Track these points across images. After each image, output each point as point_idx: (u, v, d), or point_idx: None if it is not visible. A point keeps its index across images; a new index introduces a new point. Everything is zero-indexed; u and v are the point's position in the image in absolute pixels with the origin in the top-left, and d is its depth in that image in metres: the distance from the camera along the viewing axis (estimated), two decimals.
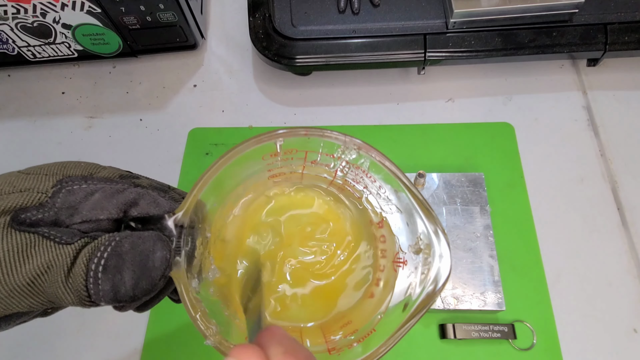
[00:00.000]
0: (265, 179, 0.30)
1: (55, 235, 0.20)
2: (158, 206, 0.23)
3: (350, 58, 0.45)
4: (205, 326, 0.23)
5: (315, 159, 0.28)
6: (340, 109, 0.50)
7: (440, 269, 0.24)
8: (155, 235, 0.22)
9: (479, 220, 0.40)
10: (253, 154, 0.26)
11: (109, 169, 0.24)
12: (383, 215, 0.29)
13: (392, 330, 0.24)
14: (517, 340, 0.38)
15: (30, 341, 0.40)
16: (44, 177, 0.21)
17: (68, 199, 0.21)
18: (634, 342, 0.38)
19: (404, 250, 0.27)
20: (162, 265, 0.21)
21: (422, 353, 0.38)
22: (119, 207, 0.22)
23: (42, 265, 0.19)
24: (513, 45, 0.45)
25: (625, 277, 0.40)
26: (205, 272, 0.26)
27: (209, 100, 0.51)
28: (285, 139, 0.26)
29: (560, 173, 0.45)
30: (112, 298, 0.20)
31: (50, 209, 0.20)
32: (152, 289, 0.21)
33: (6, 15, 0.43)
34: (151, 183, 0.25)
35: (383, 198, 0.28)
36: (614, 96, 0.48)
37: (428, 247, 0.25)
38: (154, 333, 0.40)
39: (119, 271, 0.20)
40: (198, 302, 0.23)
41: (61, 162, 0.23)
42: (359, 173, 0.28)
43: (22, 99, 0.52)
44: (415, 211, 0.25)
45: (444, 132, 0.47)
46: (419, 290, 0.25)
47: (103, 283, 0.20)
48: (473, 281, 0.38)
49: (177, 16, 0.46)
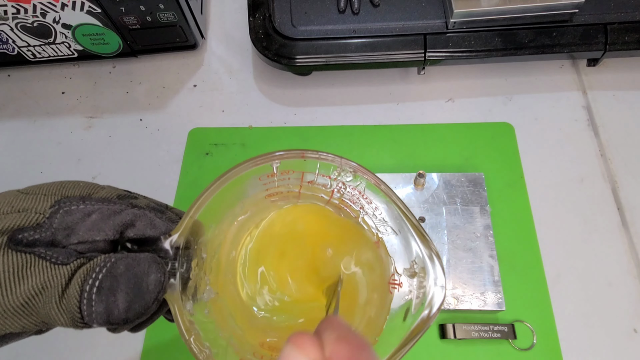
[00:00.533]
0: (262, 197, 0.30)
1: (51, 255, 0.20)
2: (154, 228, 0.23)
3: (350, 58, 0.45)
4: (198, 350, 0.22)
5: (312, 180, 0.28)
6: (340, 109, 0.50)
7: (434, 294, 0.24)
8: (150, 257, 0.22)
9: (479, 220, 0.40)
10: (249, 175, 0.26)
11: (107, 189, 0.24)
12: (379, 235, 0.29)
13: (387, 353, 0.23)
14: (517, 340, 0.38)
15: (30, 341, 0.40)
16: (43, 197, 0.22)
17: (65, 220, 0.21)
18: (634, 342, 0.38)
19: (399, 273, 0.27)
20: (155, 288, 0.21)
21: (422, 353, 0.38)
22: (116, 229, 0.22)
23: (37, 285, 0.20)
24: (513, 45, 0.45)
25: (625, 277, 0.40)
26: (200, 293, 0.26)
27: (209, 100, 0.51)
28: (282, 161, 0.26)
29: (560, 173, 0.45)
30: (105, 320, 0.20)
31: (48, 229, 0.21)
32: (144, 312, 0.21)
33: (6, 15, 0.43)
34: (149, 203, 0.25)
35: (379, 219, 0.28)
36: (614, 96, 0.48)
37: (423, 271, 0.25)
38: (154, 333, 0.40)
39: (112, 293, 0.20)
40: (192, 324, 0.23)
41: (60, 182, 0.23)
42: (355, 194, 0.28)
43: (22, 99, 0.52)
44: (411, 235, 0.26)
45: (444, 132, 0.47)
46: (414, 313, 0.25)
47: (96, 305, 0.20)
48: (473, 281, 0.38)
49: (177, 16, 0.46)
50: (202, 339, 0.23)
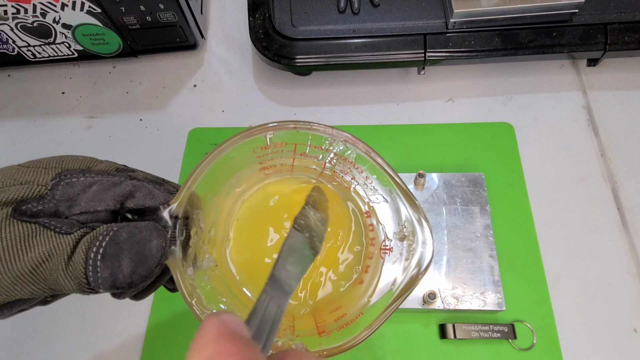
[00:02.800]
0: (257, 171, 0.30)
1: (55, 225, 0.21)
2: (153, 198, 0.23)
3: (350, 58, 0.45)
4: (201, 312, 0.23)
5: (304, 151, 0.29)
6: (340, 109, 0.50)
7: (423, 254, 0.25)
8: (151, 224, 0.22)
9: (479, 220, 0.40)
10: (244, 147, 0.26)
11: (105, 162, 0.25)
12: (370, 204, 0.30)
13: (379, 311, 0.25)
14: (517, 340, 0.38)
15: (30, 341, 0.40)
16: (44, 170, 0.22)
17: (67, 191, 0.22)
18: (634, 342, 0.38)
19: (390, 238, 0.29)
20: (158, 252, 0.22)
21: (422, 353, 0.38)
22: (116, 199, 0.22)
23: (43, 253, 0.20)
24: (513, 45, 0.45)
25: (625, 277, 0.40)
26: (199, 261, 0.27)
27: (209, 100, 0.51)
28: (275, 132, 0.26)
29: (560, 173, 0.45)
30: (111, 285, 0.21)
31: (50, 200, 0.21)
32: (149, 275, 0.22)
33: (6, 15, 0.43)
34: (146, 176, 0.25)
35: (370, 188, 0.29)
36: (614, 96, 0.48)
37: (412, 234, 0.26)
38: (154, 332, 0.40)
39: (117, 259, 0.21)
40: (193, 288, 0.24)
41: (59, 156, 0.23)
42: (346, 164, 0.29)
43: (22, 99, 0.52)
44: (400, 200, 0.27)
45: (444, 132, 0.47)
46: (403, 275, 0.26)
47: (102, 270, 0.20)
48: (473, 281, 0.38)
49: (177, 16, 0.46)
50: (203, 302, 0.24)
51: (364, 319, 0.26)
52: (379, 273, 0.28)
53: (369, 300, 0.27)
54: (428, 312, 0.38)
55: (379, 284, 0.28)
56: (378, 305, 0.26)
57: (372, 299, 0.27)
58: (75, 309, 0.41)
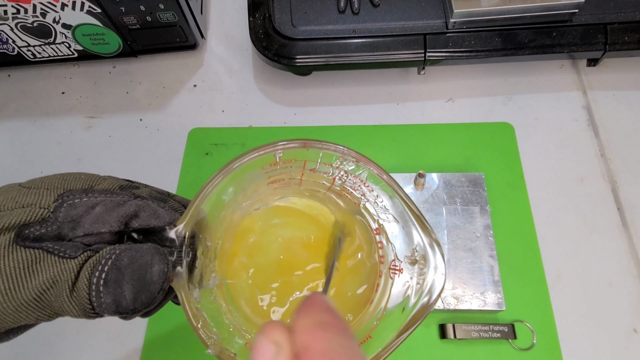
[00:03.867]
0: (264, 185, 0.30)
1: (59, 250, 0.20)
2: (158, 218, 0.23)
3: (350, 58, 0.45)
4: (206, 336, 0.23)
5: (314, 168, 0.28)
6: (340, 109, 0.50)
7: (434, 282, 0.25)
8: (153, 248, 0.22)
9: (479, 220, 0.40)
10: (253, 165, 0.26)
11: (108, 179, 0.24)
12: (380, 222, 0.29)
13: (388, 338, 0.24)
14: (517, 340, 0.38)
15: (30, 341, 0.40)
16: (45, 191, 0.22)
17: (70, 213, 0.21)
18: (634, 342, 0.38)
19: (400, 259, 0.28)
20: (160, 279, 0.21)
21: (422, 353, 0.38)
22: (120, 220, 0.22)
23: (48, 280, 0.20)
24: (513, 45, 0.45)
25: (625, 277, 0.40)
26: (205, 280, 0.26)
27: (209, 100, 0.51)
28: (285, 150, 0.26)
29: (560, 173, 0.45)
30: (115, 310, 0.21)
31: (53, 223, 0.21)
32: (151, 302, 0.21)
33: (6, 15, 0.43)
34: (150, 193, 0.25)
35: (380, 207, 0.29)
36: (614, 96, 0.48)
37: (423, 259, 0.26)
38: (153, 333, 0.40)
39: (119, 285, 0.20)
40: (199, 312, 0.23)
41: (61, 175, 0.23)
42: (356, 182, 0.28)
43: (22, 99, 0.52)
44: (412, 223, 0.26)
45: (444, 132, 0.47)
46: (414, 300, 0.25)
47: (105, 296, 0.20)
48: (473, 281, 0.38)
49: (177, 16, 0.46)
50: (209, 325, 0.23)
51: (372, 343, 0.25)
52: (388, 294, 0.27)
53: (378, 323, 0.26)
54: None
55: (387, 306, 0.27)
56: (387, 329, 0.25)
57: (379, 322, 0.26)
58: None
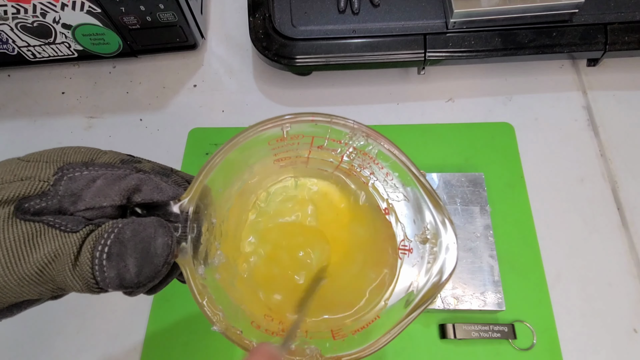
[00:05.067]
0: (270, 163, 0.29)
1: (60, 223, 0.20)
2: (161, 192, 0.22)
3: (350, 58, 0.45)
4: (212, 312, 0.23)
5: (322, 144, 0.28)
6: (340, 109, 0.49)
7: (446, 260, 0.24)
8: (156, 221, 0.21)
9: (479, 220, 0.40)
10: (259, 140, 0.25)
11: (110, 153, 0.23)
12: (390, 202, 0.29)
13: (396, 319, 0.24)
14: (517, 340, 0.38)
15: (30, 341, 0.40)
16: (45, 164, 0.21)
17: (70, 187, 0.21)
18: (634, 342, 0.38)
19: (410, 239, 0.27)
20: (164, 252, 0.21)
21: (422, 353, 0.38)
22: (122, 194, 0.21)
23: (49, 253, 0.19)
24: (513, 45, 0.45)
25: (625, 277, 0.40)
26: (210, 257, 0.26)
27: (209, 100, 0.51)
28: (292, 125, 0.25)
29: (560, 173, 0.45)
30: (119, 284, 0.20)
31: (53, 197, 0.20)
32: (155, 275, 0.21)
33: (6, 15, 0.43)
34: (153, 167, 0.24)
35: (390, 185, 0.28)
36: (614, 96, 0.48)
37: (435, 237, 0.25)
38: (153, 333, 0.40)
39: (122, 259, 0.20)
40: (204, 288, 0.23)
41: (61, 148, 0.22)
42: (365, 159, 0.28)
43: (22, 99, 0.52)
44: (423, 201, 0.25)
45: (444, 132, 0.47)
46: (425, 279, 0.25)
47: (108, 270, 0.20)
48: (473, 281, 0.38)
49: (177, 16, 0.46)
50: (214, 301, 0.23)
51: (380, 323, 0.25)
52: (397, 274, 0.27)
53: (386, 303, 0.26)
54: (428, 312, 0.38)
55: (396, 287, 0.26)
56: (394, 309, 0.25)
57: (389, 302, 0.26)
58: (75, 309, 0.41)
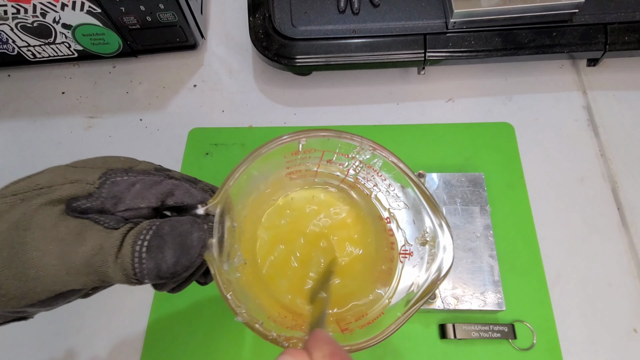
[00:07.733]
0: (283, 175, 0.32)
1: (104, 221, 0.22)
2: (191, 196, 0.25)
3: (350, 58, 0.45)
4: (236, 305, 0.25)
5: (331, 158, 0.31)
6: (340, 109, 0.50)
7: (443, 259, 0.27)
8: (191, 218, 0.24)
9: (479, 220, 0.40)
10: (277, 152, 0.28)
11: (144, 163, 0.27)
12: (391, 211, 0.32)
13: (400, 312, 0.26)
14: (517, 340, 0.38)
15: (30, 341, 0.40)
16: (90, 170, 0.24)
17: (113, 190, 0.23)
18: (634, 342, 0.38)
19: (410, 243, 0.30)
20: (199, 244, 0.24)
21: (422, 353, 0.38)
22: (158, 197, 0.24)
23: (95, 246, 0.22)
24: (513, 45, 0.45)
25: (625, 277, 0.40)
26: (232, 258, 0.28)
27: (209, 100, 0.51)
28: (308, 139, 0.28)
29: (560, 173, 0.45)
30: (156, 275, 0.22)
31: (98, 198, 0.23)
32: (191, 265, 0.24)
33: (6, 15, 0.43)
34: (182, 176, 0.27)
35: (392, 195, 0.31)
36: (614, 96, 0.48)
37: (433, 240, 0.28)
38: (153, 333, 0.40)
39: (160, 250, 0.22)
40: (229, 283, 0.25)
41: (103, 157, 0.26)
42: (370, 172, 0.31)
43: (22, 99, 0.52)
44: (423, 207, 0.28)
45: (444, 132, 0.47)
46: (425, 277, 0.28)
47: (147, 262, 0.22)
48: (473, 281, 0.38)
49: (177, 16, 0.46)
50: (238, 295, 0.25)
51: (385, 319, 0.27)
52: (399, 276, 0.30)
53: (389, 301, 0.29)
54: (428, 312, 0.38)
55: (398, 286, 0.29)
56: (398, 306, 0.28)
57: (392, 300, 0.29)
58: (75, 309, 0.41)
